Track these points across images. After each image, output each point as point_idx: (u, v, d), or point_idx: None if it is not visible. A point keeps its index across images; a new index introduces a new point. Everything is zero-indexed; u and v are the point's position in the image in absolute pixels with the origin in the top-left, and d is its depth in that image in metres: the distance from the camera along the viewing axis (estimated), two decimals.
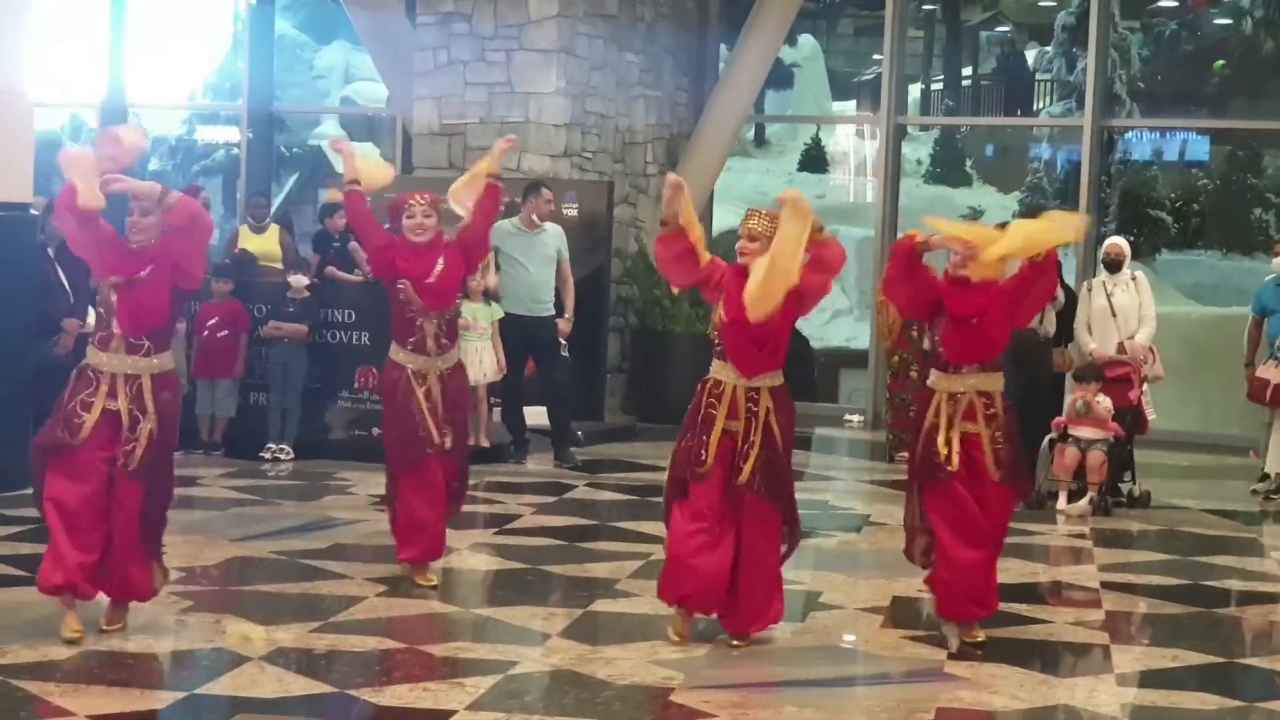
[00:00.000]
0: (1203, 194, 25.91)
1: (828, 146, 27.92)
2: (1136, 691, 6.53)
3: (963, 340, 7.11)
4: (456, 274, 8.07)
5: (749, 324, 6.76)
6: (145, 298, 6.71)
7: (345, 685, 6.20)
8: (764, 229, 6.84)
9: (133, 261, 6.75)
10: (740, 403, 6.91)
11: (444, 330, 7.99)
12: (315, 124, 25.92)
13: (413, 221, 7.94)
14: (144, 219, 6.77)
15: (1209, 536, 10.33)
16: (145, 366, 6.74)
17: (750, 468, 6.87)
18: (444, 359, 8.00)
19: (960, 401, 7.11)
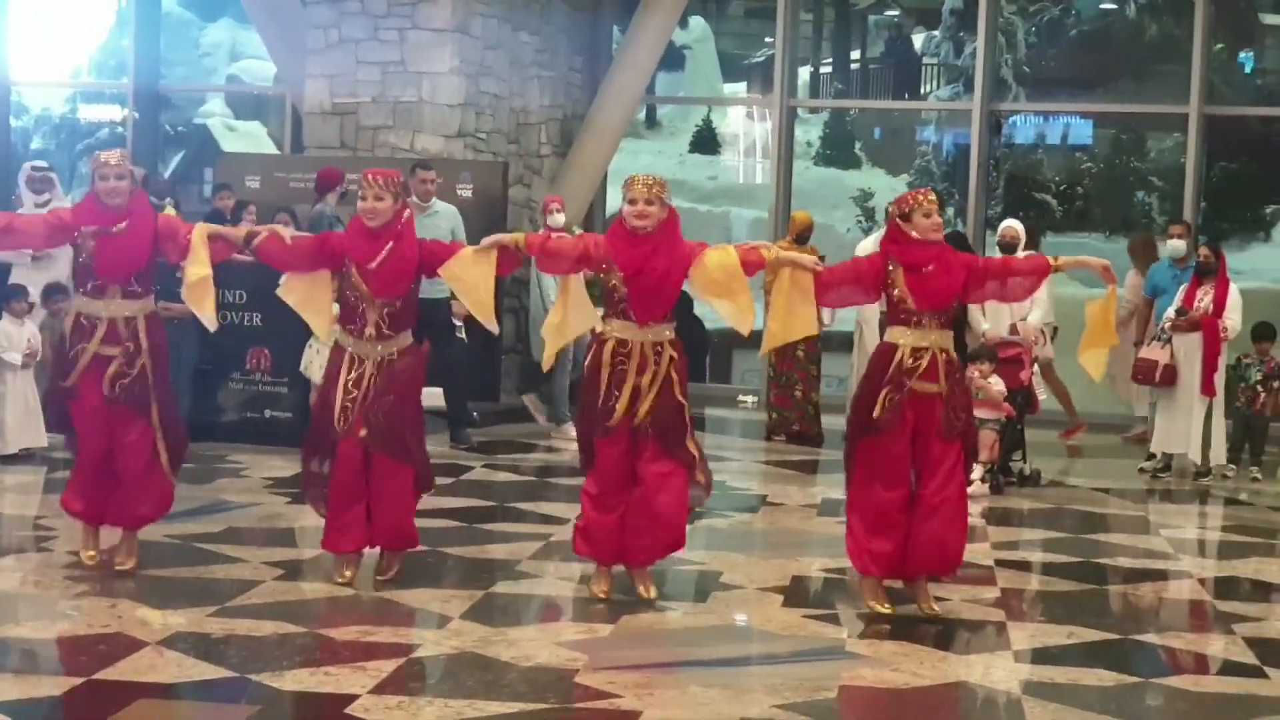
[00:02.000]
0: (1087, 177, 26.27)
1: (719, 128, 28.00)
2: (1034, 668, 6.61)
3: (922, 285, 7.23)
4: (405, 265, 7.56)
5: (648, 276, 7.25)
6: (125, 247, 7.52)
7: (245, 670, 6.14)
8: (653, 191, 7.31)
9: (109, 217, 7.56)
10: (649, 357, 7.31)
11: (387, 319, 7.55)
12: (201, 101, 25.63)
13: (364, 205, 7.50)
14: (119, 183, 7.59)
15: (1099, 514, 10.49)
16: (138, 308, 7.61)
17: (645, 409, 7.29)
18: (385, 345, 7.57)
19: (922, 358, 7.22)
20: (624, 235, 7.37)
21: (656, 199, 7.31)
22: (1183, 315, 11.83)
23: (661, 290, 7.32)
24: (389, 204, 7.48)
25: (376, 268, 7.44)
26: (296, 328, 11.19)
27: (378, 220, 7.47)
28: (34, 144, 23.76)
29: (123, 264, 7.59)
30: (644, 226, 7.29)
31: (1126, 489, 11.55)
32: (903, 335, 7.28)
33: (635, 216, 7.31)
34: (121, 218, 7.59)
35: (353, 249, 7.53)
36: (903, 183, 26.01)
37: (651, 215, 7.30)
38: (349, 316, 7.57)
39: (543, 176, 15.37)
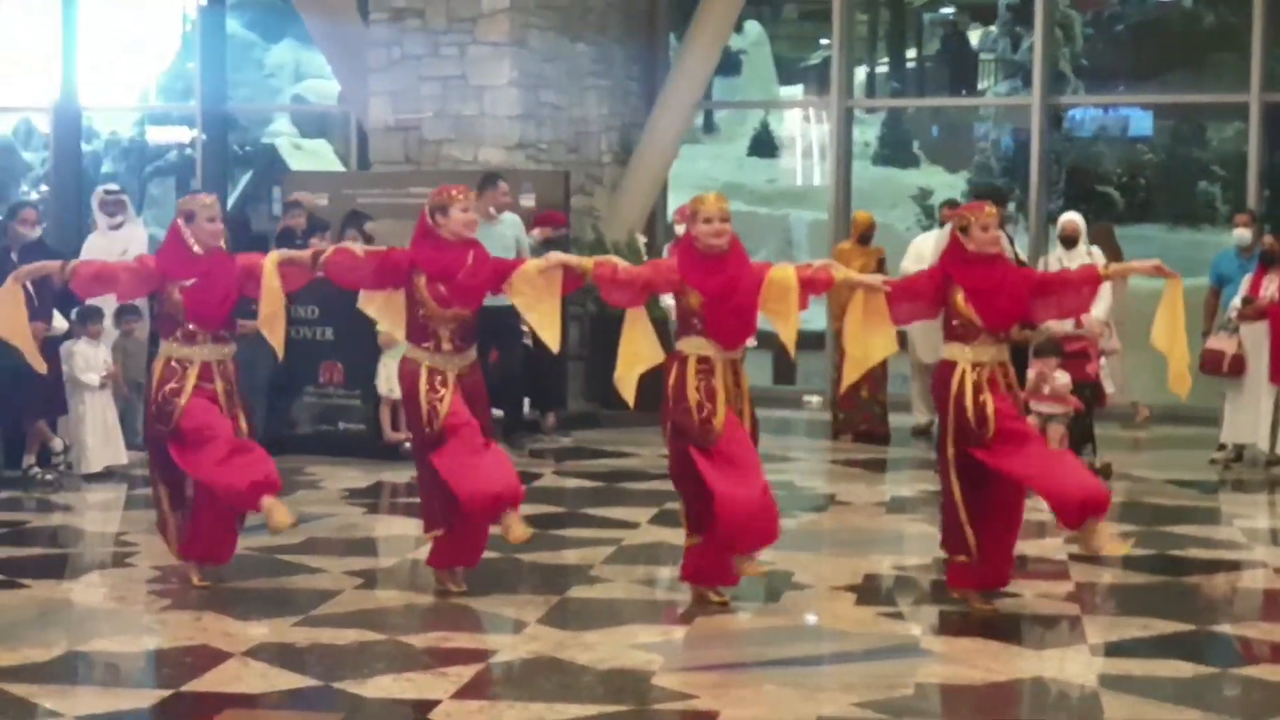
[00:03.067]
0: (1149, 168, 26.12)
1: (776, 131, 28.03)
2: (1110, 661, 6.64)
3: (988, 305, 7.25)
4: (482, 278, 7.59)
5: (729, 299, 7.22)
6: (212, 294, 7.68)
7: (328, 678, 6.25)
8: (727, 208, 7.34)
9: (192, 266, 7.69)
10: (728, 375, 7.31)
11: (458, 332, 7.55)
12: (268, 121, 25.85)
13: (466, 216, 7.52)
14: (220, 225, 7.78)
15: (1171, 507, 10.48)
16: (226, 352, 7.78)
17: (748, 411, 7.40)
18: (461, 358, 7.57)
19: (982, 372, 7.25)
20: (698, 258, 7.32)
21: (729, 216, 7.35)
22: (1249, 304, 11.79)
23: (742, 312, 7.34)
24: (476, 216, 7.64)
25: (463, 280, 7.45)
26: (368, 342, 11.42)
27: (472, 231, 7.54)
28: (105, 168, 24.04)
29: (212, 310, 7.68)
30: (722, 245, 7.28)
31: (1198, 480, 11.52)
32: (960, 352, 7.30)
33: (713, 236, 7.27)
34: (203, 264, 7.66)
35: (427, 263, 7.50)
36: (962, 179, 25.94)
37: (728, 233, 7.32)
38: (419, 332, 7.52)
39: (604, 185, 15.48)
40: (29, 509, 10.10)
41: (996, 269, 7.32)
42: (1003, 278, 7.32)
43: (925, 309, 7.51)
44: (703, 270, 7.28)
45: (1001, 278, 7.32)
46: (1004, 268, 7.39)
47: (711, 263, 7.29)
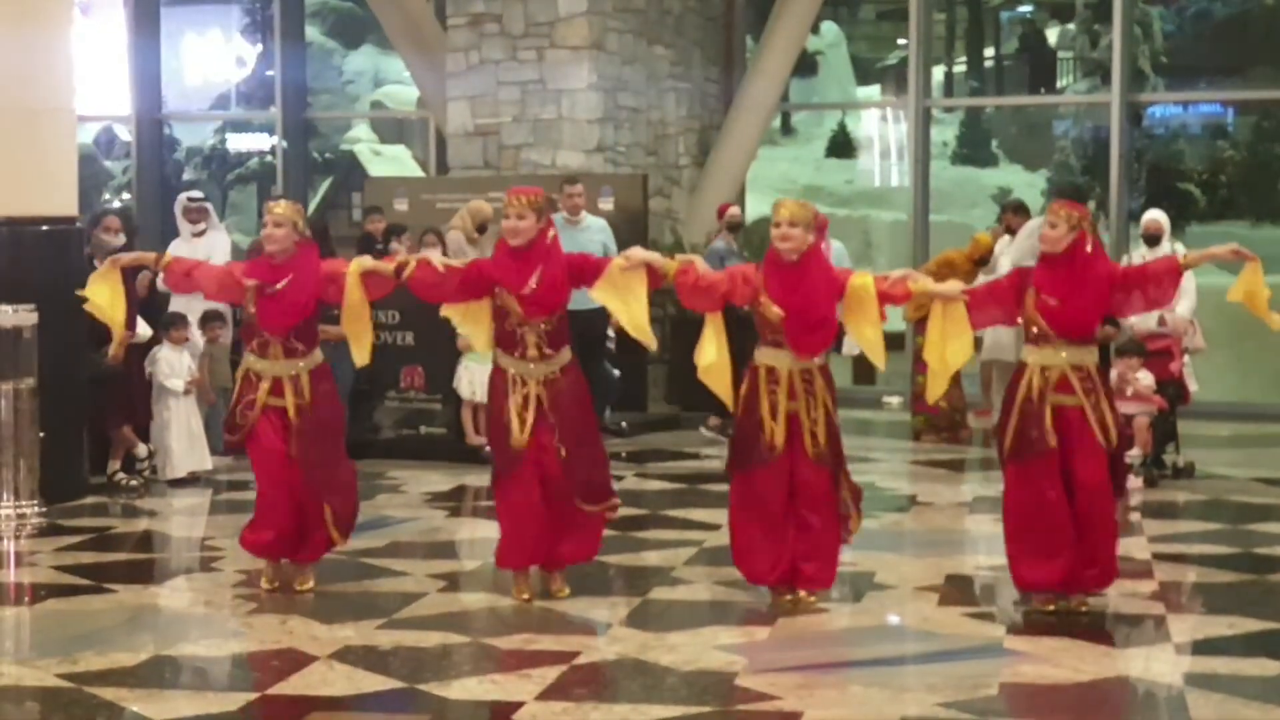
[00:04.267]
0: (1230, 165, 25.88)
1: (853, 132, 27.97)
2: (1196, 660, 6.59)
3: (1052, 313, 7.22)
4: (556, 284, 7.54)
5: (805, 312, 7.27)
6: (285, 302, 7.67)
7: (414, 680, 6.29)
8: (797, 213, 7.35)
9: (273, 273, 7.69)
10: (797, 384, 7.35)
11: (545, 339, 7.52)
12: (347, 128, 26.04)
13: (509, 224, 7.51)
14: (276, 230, 7.66)
15: (1255, 504, 10.37)
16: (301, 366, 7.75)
17: (824, 441, 7.38)
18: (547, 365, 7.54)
19: (1051, 376, 7.22)
20: (777, 267, 7.39)
21: (801, 221, 7.33)
22: None
23: (820, 324, 7.35)
24: (531, 222, 7.44)
25: (529, 293, 7.41)
26: (448, 346, 11.49)
27: (520, 239, 7.44)
28: (186, 175, 24.30)
29: (278, 319, 7.70)
30: (788, 250, 7.31)
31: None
32: (1031, 354, 7.30)
33: (779, 240, 7.33)
34: (285, 272, 7.68)
35: (502, 275, 7.50)
36: (1041, 178, 25.81)
37: (795, 238, 7.31)
38: (507, 340, 7.53)
39: (682, 187, 15.50)
40: (115, 515, 10.21)
41: (1071, 269, 7.22)
42: (1078, 279, 7.22)
43: (1004, 314, 7.50)
44: (780, 281, 7.33)
45: (1077, 279, 7.21)
46: (1082, 267, 7.24)
47: (788, 273, 7.32)
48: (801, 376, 7.37)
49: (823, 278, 7.37)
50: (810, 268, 7.34)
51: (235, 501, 10.18)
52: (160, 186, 18.57)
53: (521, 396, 7.47)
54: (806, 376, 7.38)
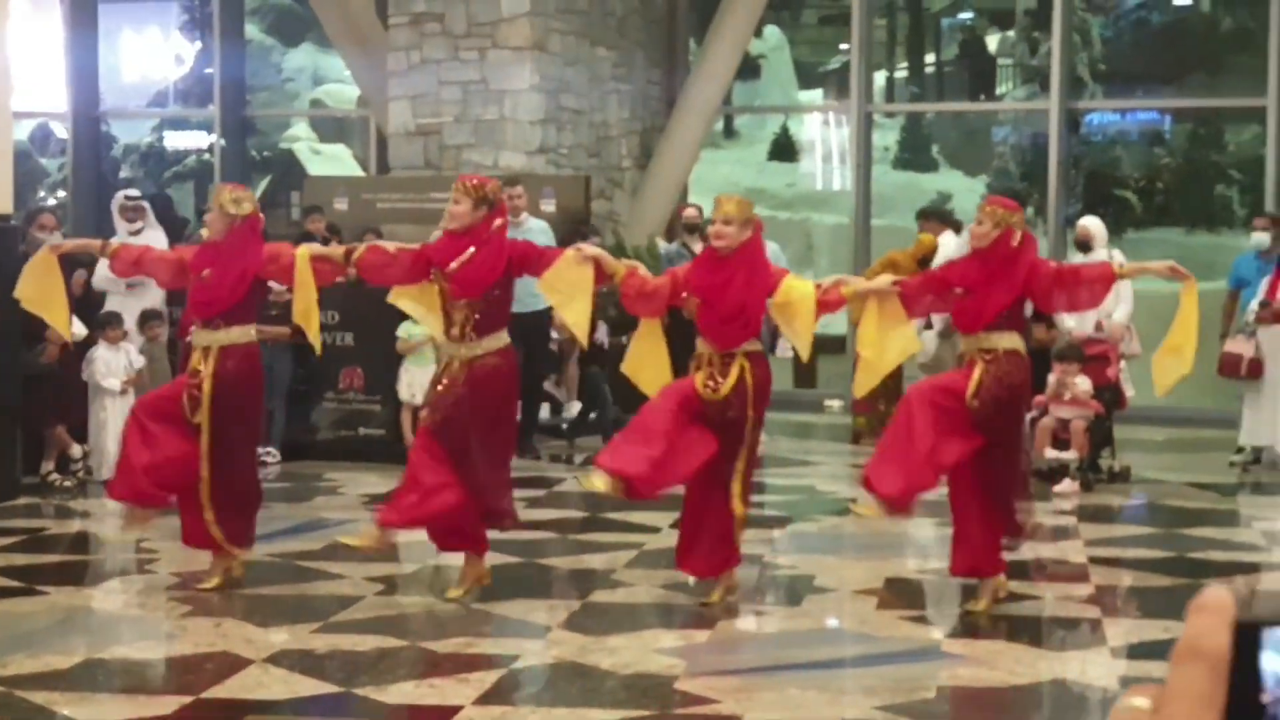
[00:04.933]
0: (1166, 172, 26.09)
1: (796, 136, 28.04)
2: (1131, 663, 6.63)
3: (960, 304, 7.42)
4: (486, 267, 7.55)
5: (720, 303, 7.38)
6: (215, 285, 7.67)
7: (350, 684, 6.25)
8: (734, 211, 7.44)
9: None
10: (716, 365, 7.42)
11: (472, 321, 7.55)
12: (286, 126, 25.91)
13: (448, 208, 7.62)
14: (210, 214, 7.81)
15: (1190, 509, 10.46)
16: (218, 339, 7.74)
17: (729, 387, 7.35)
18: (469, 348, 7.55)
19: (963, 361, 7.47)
20: (708, 260, 7.57)
21: (736, 219, 7.40)
22: (1266, 307, 11.77)
23: (729, 313, 7.41)
24: (466, 208, 7.47)
25: (455, 270, 7.47)
26: (388, 347, 11.43)
27: (455, 223, 7.51)
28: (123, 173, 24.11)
29: (209, 294, 7.70)
30: (721, 247, 7.40)
31: (1216, 483, 11.50)
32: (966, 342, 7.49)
33: (713, 237, 7.48)
34: (215, 251, 7.71)
35: (435, 253, 7.65)
36: (981, 184, 25.93)
37: (729, 235, 7.38)
38: (444, 320, 7.64)
39: (624, 189, 15.49)
40: (48, 516, 10.13)
41: (988, 263, 7.32)
42: (994, 272, 7.30)
43: (941, 300, 7.63)
44: (706, 272, 7.49)
45: (992, 272, 7.30)
46: (1002, 261, 7.30)
47: (716, 265, 7.45)
48: (723, 362, 7.43)
49: (752, 274, 7.43)
50: (740, 263, 7.40)
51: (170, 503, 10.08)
52: (96, 184, 18.42)
53: (443, 370, 7.59)
54: (727, 362, 7.44)
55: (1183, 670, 0.87)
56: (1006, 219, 7.32)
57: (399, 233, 13.37)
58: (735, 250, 7.39)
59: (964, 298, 7.37)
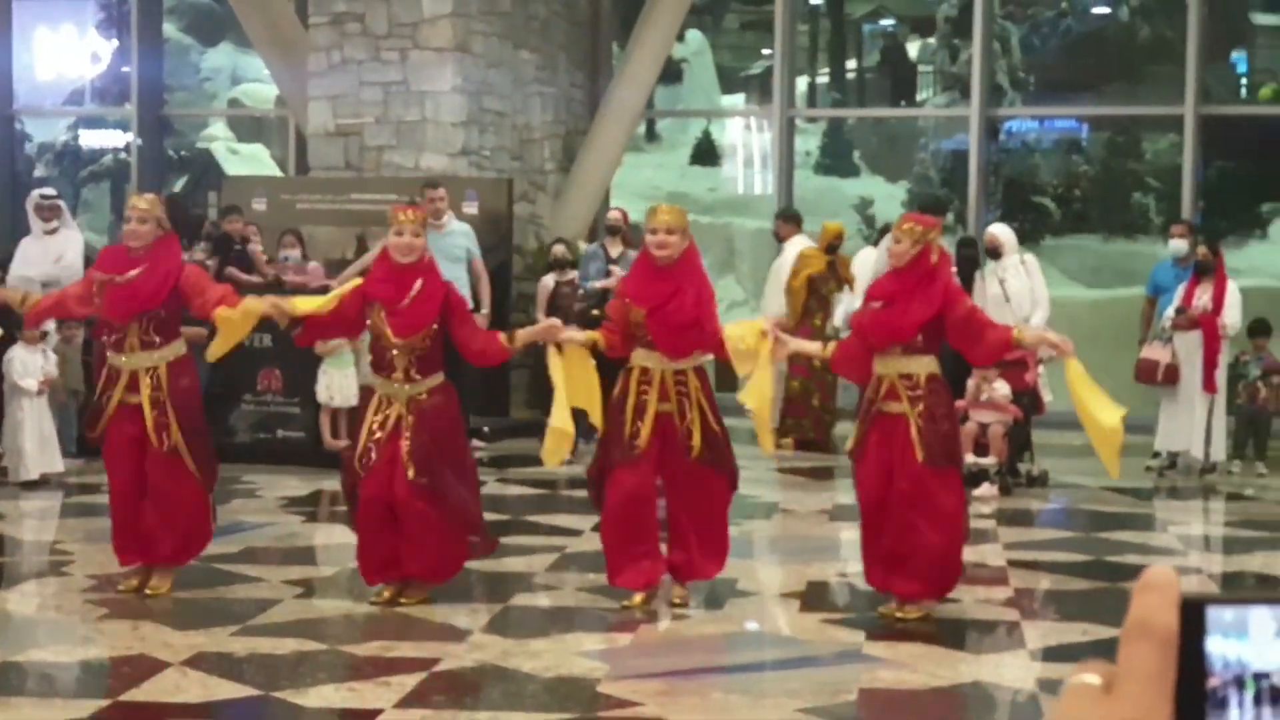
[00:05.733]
0: (1084, 180, 26.32)
1: (718, 140, 28.09)
2: (1049, 666, 6.68)
3: (872, 321, 7.37)
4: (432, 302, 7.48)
5: (669, 313, 7.28)
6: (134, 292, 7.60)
7: (269, 688, 6.21)
8: (675, 220, 7.40)
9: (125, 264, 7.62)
10: (670, 386, 7.35)
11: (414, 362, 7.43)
12: (204, 126, 25.68)
13: (398, 240, 7.44)
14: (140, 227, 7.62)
15: (1107, 513, 10.56)
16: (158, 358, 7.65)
17: (699, 443, 7.35)
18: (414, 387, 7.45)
19: (882, 384, 7.29)
20: (645, 269, 7.50)
21: (678, 228, 7.38)
22: (1182, 314, 11.90)
23: (680, 324, 7.35)
24: (424, 241, 7.49)
25: (405, 307, 7.36)
26: (307, 350, 11.32)
27: (412, 256, 7.41)
28: (37, 172, 23.82)
29: (125, 305, 7.57)
30: (665, 257, 7.35)
31: (1133, 487, 11.60)
32: (875, 363, 7.38)
33: (655, 247, 7.37)
34: (139, 263, 7.58)
35: (379, 290, 7.46)
36: (902, 189, 26.07)
37: (672, 245, 7.35)
38: (379, 360, 7.50)
39: (547, 192, 15.46)
40: None
41: (904, 281, 7.29)
42: (910, 289, 7.26)
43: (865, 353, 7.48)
44: (645, 281, 7.42)
45: (909, 289, 7.27)
46: (919, 279, 7.27)
47: (655, 275, 7.38)
48: (675, 378, 7.39)
49: (693, 283, 7.41)
50: (681, 272, 7.37)
51: (86, 505, 9.98)
52: (10, 183, 18.18)
53: (384, 417, 7.40)
54: (680, 378, 7.40)
55: (1133, 648, 0.87)
56: (925, 236, 7.32)
57: (318, 234, 13.36)
58: (677, 260, 7.37)
59: (882, 311, 7.33)
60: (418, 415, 7.37)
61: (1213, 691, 0.85)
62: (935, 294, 7.28)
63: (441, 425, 7.46)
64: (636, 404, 7.35)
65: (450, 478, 7.47)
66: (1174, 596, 0.87)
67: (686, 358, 7.39)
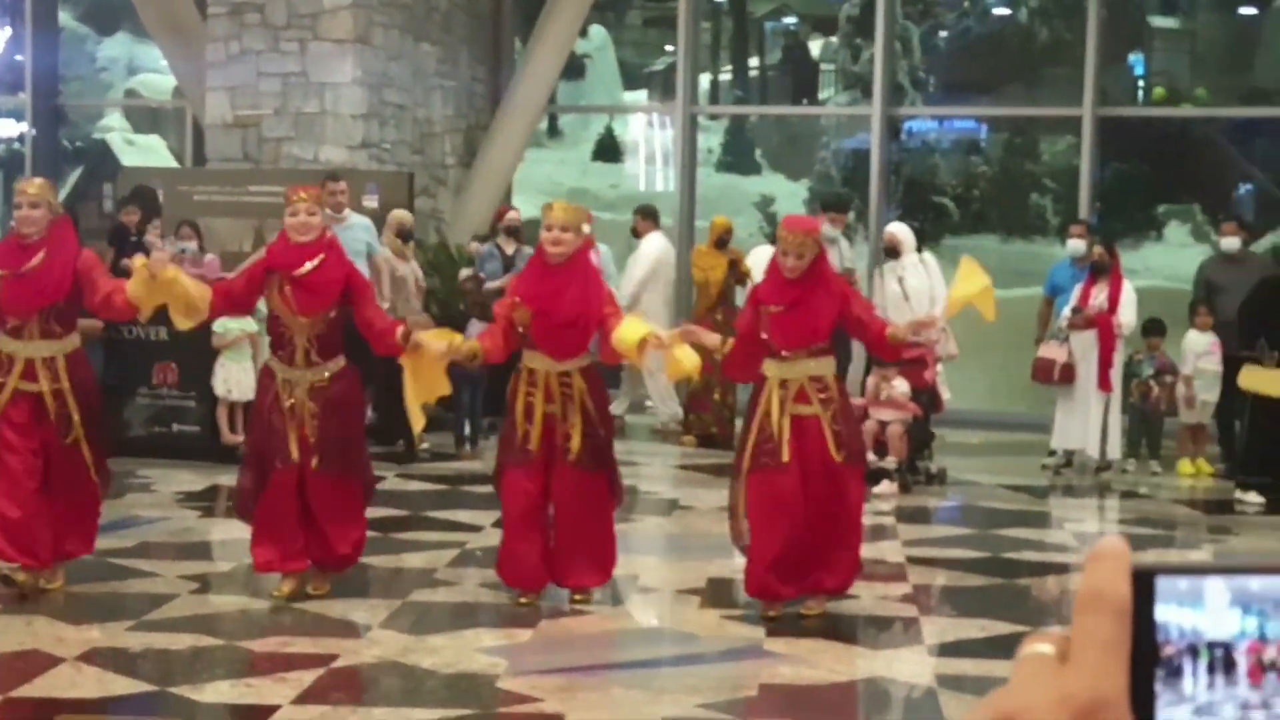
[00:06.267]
0: (983, 180, 26.55)
1: (620, 136, 28.08)
2: (947, 661, 6.73)
3: (780, 328, 7.21)
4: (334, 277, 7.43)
5: (555, 313, 7.19)
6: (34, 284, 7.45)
7: (165, 683, 6.15)
8: (570, 218, 7.29)
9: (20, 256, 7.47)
10: (554, 387, 7.25)
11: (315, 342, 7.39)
12: (99, 116, 25.32)
13: (296, 220, 7.39)
14: (32, 212, 7.40)
15: (1004, 510, 10.65)
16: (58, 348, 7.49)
17: (577, 446, 7.21)
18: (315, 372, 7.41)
19: (790, 388, 7.20)
20: (538, 267, 7.41)
21: (573, 226, 7.28)
22: (1078, 313, 12.03)
23: (563, 323, 7.25)
24: (319, 220, 7.45)
25: (304, 276, 7.30)
26: (202, 342, 11.21)
27: (311, 234, 7.36)
28: None
29: (32, 300, 7.41)
30: (559, 255, 7.24)
31: (1030, 485, 11.72)
32: (770, 367, 7.26)
33: (550, 244, 7.26)
34: (36, 251, 7.40)
35: (281, 258, 7.42)
36: (803, 188, 26.18)
37: (567, 242, 7.25)
38: (278, 341, 7.46)
39: (448, 187, 15.38)
40: None
41: (798, 283, 7.18)
42: (808, 290, 7.17)
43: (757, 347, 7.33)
44: (536, 281, 7.32)
45: (807, 290, 7.17)
46: (815, 280, 7.20)
47: (546, 274, 7.29)
48: (560, 379, 7.30)
49: (587, 283, 7.34)
50: (573, 271, 7.29)
51: None
52: None
53: (289, 405, 7.34)
54: (565, 379, 7.30)
55: (1088, 618, 0.87)
56: (814, 245, 7.24)
57: (215, 226, 13.21)
58: (569, 258, 7.29)
59: (789, 314, 7.18)
60: (321, 403, 7.32)
61: (1167, 660, 0.86)
62: (836, 292, 7.27)
63: (345, 414, 7.44)
64: (525, 406, 7.29)
65: (351, 464, 7.48)
66: (1126, 566, 0.87)
67: (571, 359, 7.31)
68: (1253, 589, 0.87)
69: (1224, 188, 24.26)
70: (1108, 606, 0.86)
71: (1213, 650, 0.86)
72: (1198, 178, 24.44)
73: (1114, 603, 0.86)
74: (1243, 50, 25.11)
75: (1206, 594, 0.87)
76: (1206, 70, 25.89)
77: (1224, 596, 0.87)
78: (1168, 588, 0.87)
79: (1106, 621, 0.86)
